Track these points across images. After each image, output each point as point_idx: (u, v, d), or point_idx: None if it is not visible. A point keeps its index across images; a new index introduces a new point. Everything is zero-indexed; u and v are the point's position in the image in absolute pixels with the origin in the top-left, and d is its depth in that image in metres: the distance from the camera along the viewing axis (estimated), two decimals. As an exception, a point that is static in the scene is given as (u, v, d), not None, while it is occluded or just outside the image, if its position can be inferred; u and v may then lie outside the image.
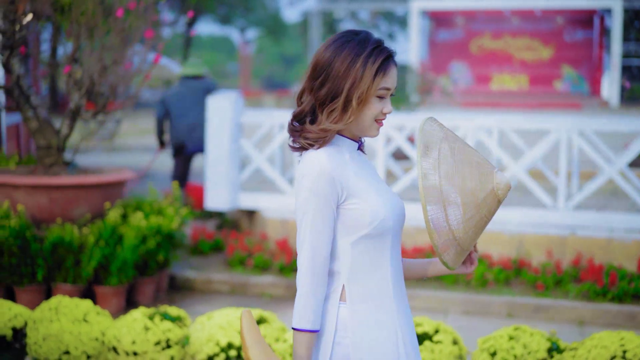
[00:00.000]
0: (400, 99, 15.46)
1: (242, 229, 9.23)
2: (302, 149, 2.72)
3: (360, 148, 2.82)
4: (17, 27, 7.26)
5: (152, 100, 35.05)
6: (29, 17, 7.45)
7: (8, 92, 7.48)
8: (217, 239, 8.78)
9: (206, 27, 58.07)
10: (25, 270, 6.94)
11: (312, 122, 2.69)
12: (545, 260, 7.85)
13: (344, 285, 2.67)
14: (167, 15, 36.01)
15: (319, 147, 2.65)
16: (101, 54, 7.53)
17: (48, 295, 7.09)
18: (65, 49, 7.52)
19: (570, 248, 7.88)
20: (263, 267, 8.08)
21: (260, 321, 5.15)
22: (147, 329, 5.03)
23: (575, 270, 7.60)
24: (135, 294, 7.43)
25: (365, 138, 2.84)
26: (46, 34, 10.68)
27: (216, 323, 5.08)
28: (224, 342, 4.96)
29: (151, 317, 5.13)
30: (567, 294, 7.37)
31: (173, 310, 5.27)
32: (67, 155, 8.58)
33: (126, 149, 20.37)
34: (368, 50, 2.64)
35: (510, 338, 4.87)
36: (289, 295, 7.71)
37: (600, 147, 8.79)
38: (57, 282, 7.04)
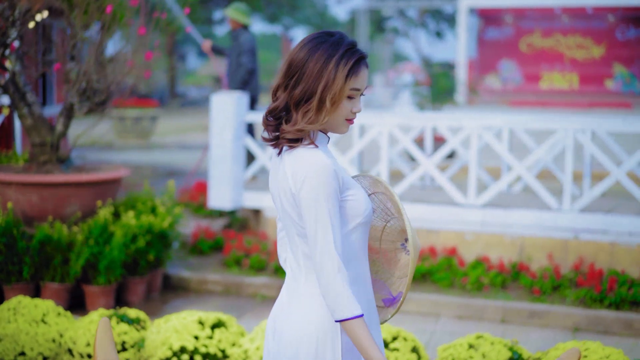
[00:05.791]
0: (433, 98, 15.27)
1: (250, 228, 9.12)
2: (275, 140, 2.76)
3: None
4: (10, 24, 7.23)
5: (199, 98, 35.20)
6: (44, 14, 7.43)
7: (3, 89, 7.46)
8: (218, 238, 8.65)
9: (256, 26, 59.22)
10: (13, 268, 6.91)
11: (287, 120, 2.74)
12: (545, 265, 7.58)
13: None
14: (217, 14, 36.18)
15: (308, 145, 2.70)
16: (97, 50, 7.48)
17: (37, 293, 7.06)
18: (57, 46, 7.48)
19: (573, 252, 7.60)
20: (258, 268, 7.95)
21: (217, 325, 5.03)
22: (102, 330, 4.94)
23: (576, 275, 7.33)
24: (127, 294, 7.36)
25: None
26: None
27: (172, 326, 4.97)
28: (176, 346, 4.84)
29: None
30: (565, 299, 7.11)
31: (132, 312, 5.18)
32: (70, 153, 8.53)
33: (163, 146, 20.39)
34: (340, 52, 2.69)
35: (470, 347, 4.68)
36: (282, 297, 7.56)
37: (614, 148, 8.48)
38: (45, 280, 7.00)
